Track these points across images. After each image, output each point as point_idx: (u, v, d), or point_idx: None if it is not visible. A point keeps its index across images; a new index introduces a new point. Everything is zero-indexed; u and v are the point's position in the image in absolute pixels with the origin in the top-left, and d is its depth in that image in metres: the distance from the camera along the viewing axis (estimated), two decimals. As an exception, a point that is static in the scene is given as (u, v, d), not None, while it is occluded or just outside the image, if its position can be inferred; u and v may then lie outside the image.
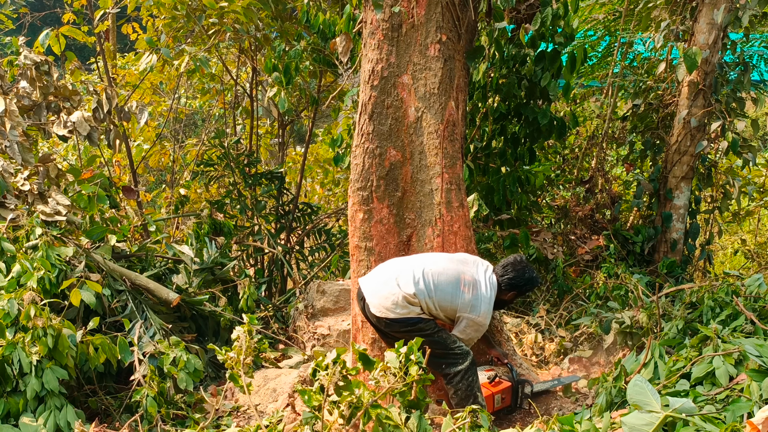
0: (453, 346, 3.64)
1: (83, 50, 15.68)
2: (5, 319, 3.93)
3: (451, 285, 3.64)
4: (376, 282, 3.72)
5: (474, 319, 3.65)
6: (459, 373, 3.63)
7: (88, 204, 5.08)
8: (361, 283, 3.81)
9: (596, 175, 6.94)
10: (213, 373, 5.28)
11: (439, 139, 4.12)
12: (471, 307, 3.64)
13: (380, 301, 3.62)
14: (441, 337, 3.63)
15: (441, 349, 3.61)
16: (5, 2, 7.17)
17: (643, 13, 6.91)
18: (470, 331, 3.68)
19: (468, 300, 3.63)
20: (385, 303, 3.60)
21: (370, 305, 3.66)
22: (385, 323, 3.62)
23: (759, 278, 4.54)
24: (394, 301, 3.58)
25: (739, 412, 2.92)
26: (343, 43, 5.01)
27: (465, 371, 3.63)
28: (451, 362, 3.63)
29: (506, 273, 3.82)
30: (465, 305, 3.63)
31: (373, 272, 3.87)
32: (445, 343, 3.63)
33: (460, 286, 3.65)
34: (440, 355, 3.63)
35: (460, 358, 3.64)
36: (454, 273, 3.68)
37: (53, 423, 3.71)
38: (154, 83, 9.20)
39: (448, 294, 3.62)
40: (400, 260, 3.87)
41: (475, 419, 2.76)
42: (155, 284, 5.05)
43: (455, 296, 3.63)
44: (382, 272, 3.78)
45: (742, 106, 6.19)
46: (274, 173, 7.67)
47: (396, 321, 3.59)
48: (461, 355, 3.64)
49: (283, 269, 7.30)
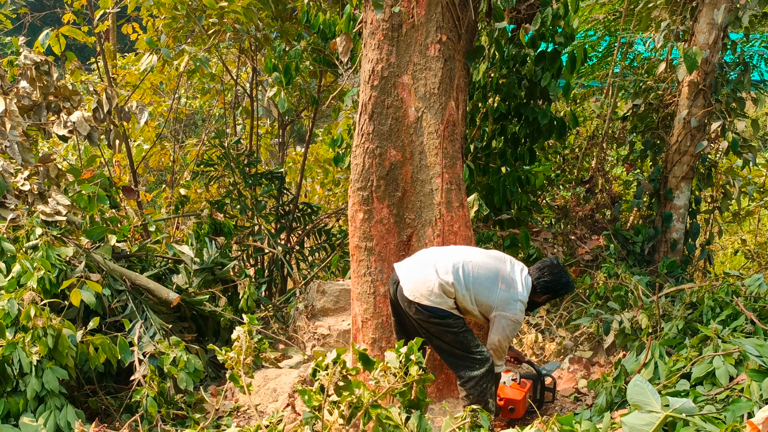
0: (474, 350, 3.58)
1: (83, 50, 15.68)
2: (5, 319, 3.93)
3: (489, 280, 3.58)
4: (413, 266, 3.67)
5: (510, 317, 3.58)
6: (474, 378, 3.58)
7: (88, 204, 5.08)
8: (397, 267, 3.76)
9: (596, 175, 6.93)
10: (213, 373, 5.28)
11: (439, 139, 4.12)
12: (507, 305, 3.57)
13: (416, 285, 3.56)
14: (465, 337, 3.57)
15: (462, 350, 3.57)
16: (5, 2, 7.17)
17: (643, 13, 6.91)
18: (508, 330, 3.60)
19: (505, 297, 3.58)
20: (421, 288, 3.54)
21: (404, 288, 3.59)
22: (416, 309, 3.55)
23: (759, 278, 4.54)
24: (429, 287, 3.52)
25: (739, 412, 2.93)
26: (343, 43, 5.01)
27: (480, 377, 3.58)
28: (469, 366, 3.58)
29: (543, 276, 3.76)
30: (502, 302, 3.57)
31: (410, 258, 3.83)
32: (467, 345, 3.57)
33: (498, 282, 3.59)
34: (459, 357, 3.59)
35: (478, 363, 3.58)
36: (493, 268, 3.63)
37: (53, 423, 3.71)
38: (154, 83, 9.20)
39: (485, 288, 3.56)
40: (439, 249, 3.83)
41: (475, 419, 2.77)
42: (155, 284, 5.05)
43: (492, 291, 3.57)
44: (419, 258, 3.74)
45: (742, 106, 6.19)
46: (274, 173, 7.67)
47: (427, 309, 3.53)
48: (480, 361, 3.58)
49: (283, 269, 7.30)
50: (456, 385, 4.24)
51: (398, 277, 3.69)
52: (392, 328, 4.17)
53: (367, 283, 4.17)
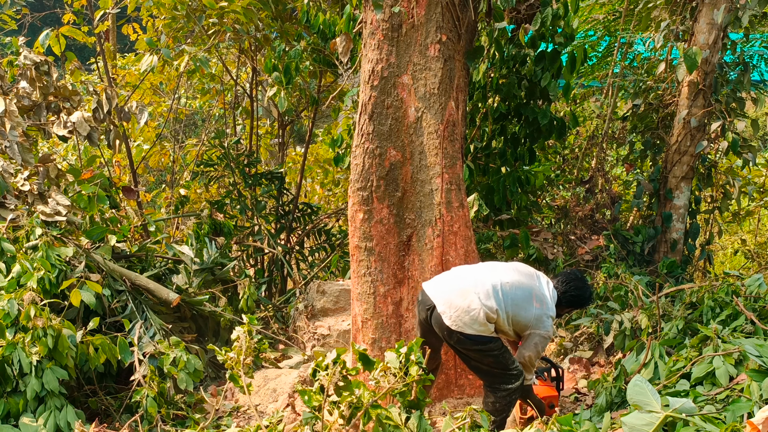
0: (511, 367, 3.56)
1: (83, 50, 15.67)
2: (5, 319, 3.93)
3: (525, 299, 3.54)
4: (450, 291, 3.54)
5: (544, 335, 3.57)
6: (508, 390, 3.57)
7: (88, 204, 5.08)
8: (429, 290, 3.63)
9: (596, 175, 6.93)
10: (213, 373, 5.28)
11: (439, 139, 4.12)
12: (541, 323, 3.55)
13: (458, 314, 3.45)
14: (504, 357, 3.55)
15: (501, 369, 3.55)
16: (6, 3, 7.17)
17: (643, 13, 6.92)
18: (540, 346, 3.60)
19: (539, 315, 3.55)
20: (464, 317, 3.44)
21: (444, 316, 3.47)
22: (458, 338, 3.47)
23: (759, 278, 4.54)
24: (473, 316, 3.43)
25: (739, 412, 2.93)
26: (343, 43, 5.01)
27: (514, 390, 3.57)
28: (505, 381, 3.56)
29: (569, 290, 3.73)
30: (536, 321, 3.54)
31: (441, 280, 3.69)
32: (506, 363, 3.55)
33: (533, 301, 3.55)
34: (497, 375, 3.57)
35: (514, 378, 3.57)
36: (527, 287, 3.58)
37: (53, 423, 3.71)
38: (154, 83, 9.20)
39: (523, 309, 3.52)
40: (472, 269, 3.72)
41: (475, 419, 2.77)
42: (155, 284, 5.05)
43: (528, 311, 3.53)
44: (455, 281, 3.61)
45: (742, 106, 6.19)
46: (274, 173, 7.67)
47: (470, 338, 3.45)
48: (516, 376, 3.57)
49: (283, 269, 7.30)
50: (456, 385, 4.25)
51: (433, 302, 3.55)
52: (392, 329, 4.17)
53: (367, 283, 4.16)
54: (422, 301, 3.65)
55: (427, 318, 3.59)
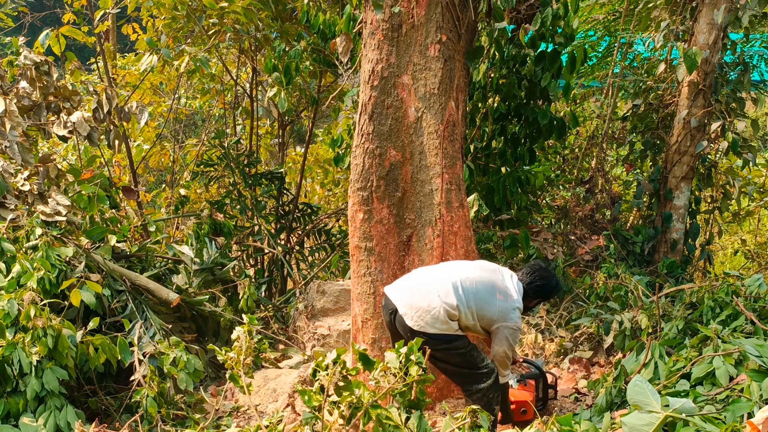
0: (481, 365, 3.57)
1: (83, 50, 15.68)
2: (5, 319, 3.93)
3: (487, 293, 3.56)
4: (411, 293, 3.57)
5: (512, 326, 3.59)
6: (481, 390, 3.57)
7: (88, 204, 5.08)
8: (390, 294, 3.66)
9: (596, 175, 6.94)
10: (213, 373, 5.28)
11: (439, 140, 4.12)
12: (507, 315, 3.57)
13: (419, 314, 3.48)
14: (472, 355, 3.56)
15: (469, 368, 3.56)
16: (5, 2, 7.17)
17: (643, 13, 6.92)
18: (511, 339, 3.61)
19: (504, 308, 3.57)
20: (425, 317, 3.47)
21: (406, 317, 3.50)
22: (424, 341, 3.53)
23: (759, 278, 4.54)
24: (434, 315, 3.46)
25: (739, 412, 2.93)
26: (343, 44, 5.01)
27: (487, 389, 3.58)
28: (476, 380, 3.57)
29: (534, 280, 3.76)
30: (502, 314, 3.56)
31: (402, 283, 3.72)
32: (474, 361, 3.56)
33: (496, 294, 3.58)
34: (466, 374, 3.58)
35: (484, 376, 3.58)
36: (488, 281, 3.61)
37: (53, 423, 3.71)
38: (154, 83, 9.20)
39: (485, 302, 3.54)
40: (432, 270, 3.75)
41: (475, 419, 2.76)
42: (155, 284, 5.05)
43: (492, 304, 3.55)
44: (415, 283, 3.64)
45: (742, 107, 6.19)
46: (274, 173, 7.67)
47: (434, 337, 3.46)
48: (486, 374, 3.58)
49: (283, 269, 7.30)
50: (455, 385, 4.24)
51: (395, 305, 3.59)
52: (392, 329, 4.17)
53: (367, 283, 4.17)
54: (385, 306, 3.69)
55: (391, 321, 3.63)
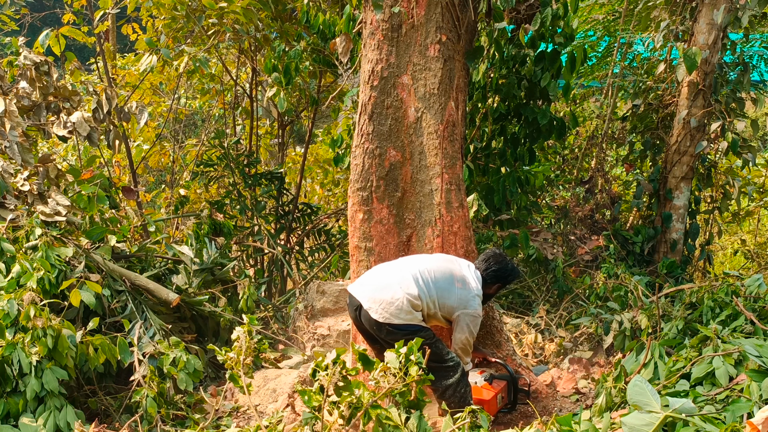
0: (446, 358, 3.61)
1: (83, 50, 15.68)
2: (5, 319, 3.93)
3: (446, 281, 3.65)
4: (373, 288, 3.65)
5: (472, 313, 3.66)
6: (451, 386, 3.60)
7: (87, 204, 5.08)
8: (353, 291, 3.73)
9: (596, 175, 6.94)
10: (213, 373, 5.28)
11: (439, 140, 4.12)
12: (466, 302, 3.65)
13: (383, 306, 3.55)
14: (437, 347, 3.59)
15: (435, 361, 3.54)
16: (5, 3, 7.17)
17: (643, 13, 6.92)
18: (472, 326, 3.67)
19: (463, 295, 3.65)
20: (389, 308, 3.54)
21: (371, 311, 3.57)
22: (387, 330, 3.55)
23: (759, 278, 4.54)
24: (398, 306, 3.52)
25: (739, 412, 2.93)
26: (343, 44, 5.01)
27: (456, 384, 3.61)
28: (443, 375, 3.59)
29: (489, 267, 3.85)
30: (461, 301, 3.64)
31: (363, 280, 3.79)
32: (440, 354, 3.59)
33: (455, 282, 3.66)
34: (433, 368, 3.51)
35: (451, 370, 3.61)
36: (446, 270, 3.69)
37: (53, 423, 3.71)
38: (154, 84, 9.20)
39: (445, 291, 3.62)
40: (391, 265, 3.82)
41: (475, 420, 2.76)
42: (155, 284, 5.05)
43: (451, 292, 3.63)
44: (376, 278, 3.71)
45: (741, 107, 6.19)
46: (274, 173, 7.67)
47: (398, 328, 3.52)
48: (453, 368, 3.62)
49: (283, 269, 7.30)
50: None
51: (358, 300, 3.64)
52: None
53: (367, 283, 4.16)
54: (350, 303, 3.76)
55: (357, 317, 3.69)
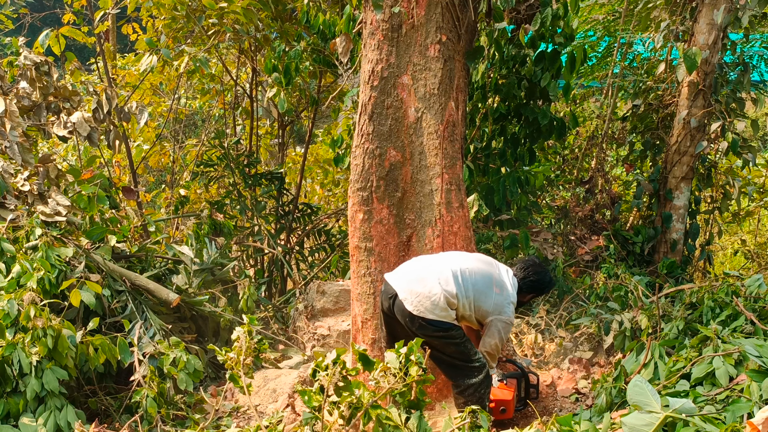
0: (474, 358, 3.58)
1: (83, 51, 15.69)
2: (5, 319, 3.93)
3: (486, 285, 3.59)
4: (411, 279, 3.58)
5: (506, 320, 3.62)
6: (473, 386, 3.57)
7: (88, 204, 5.08)
8: (390, 280, 3.68)
9: (596, 175, 6.94)
10: (213, 373, 5.28)
11: (439, 140, 4.12)
12: (502, 309, 3.60)
13: (419, 299, 3.49)
14: (466, 347, 3.57)
15: (462, 360, 3.56)
16: (5, 2, 7.17)
17: (643, 13, 6.92)
18: (504, 332, 3.63)
19: (500, 301, 3.60)
20: (425, 302, 3.49)
21: (405, 302, 3.52)
22: (420, 324, 3.50)
23: (759, 278, 4.54)
24: (434, 301, 3.48)
25: (739, 412, 2.93)
26: (343, 44, 5.01)
27: (479, 384, 3.58)
28: (467, 373, 3.57)
29: (528, 275, 3.80)
30: (498, 306, 3.59)
31: (402, 269, 3.74)
32: (468, 353, 3.57)
33: (493, 287, 3.61)
34: (459, 366, 3.57)
35: (476, 371, 3.58)
36: (486, 273, 3.64)
37: (53, 423, 3.71)
38: (154, 84, 9.20)
39: (483, 294, 3.57)
40: (432, 258, 3.77)
41: (475, 420, 2.77)
42: (155, 285, 5.05)
43: (489, 296, 3.58)
44: (416, 270, 3.66)
45: (742, 107, 6.19)
46: (274, 174, 7.67)
47: (432, 323, 3.48)
48: (478, 368, 3.58)
49: (283, 270, 7.30)
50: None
51: (395, 290, 3.60)
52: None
53: (367, 283, 4.16)
54: (385, 291, 3.71)
55: (390, 306, 3.64)
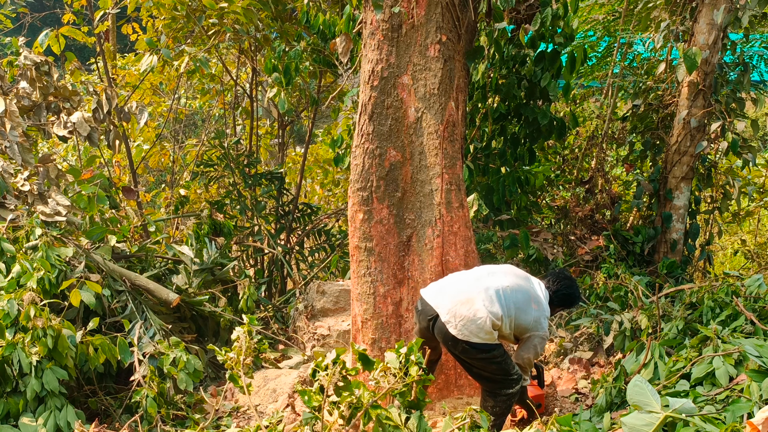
0: (512, 371, 3.56)
1: (83, 50, 15.69)
2: (5, 319, 3.93)
3: (525, 302, 3.55)
4: (454, 300, 3.49)
5: (543, 335, 3.59)
6: (508, 395, 3.57)
7: (88, 204, 5.09)
8: (430, 299, 3.58)
9: (596, 175, 6.93)
10: (213, 373, 5.28)
11: (439, 140, 4.12)
12: (540, 324, 3.57)
13: (464, 323, 3.41)
14: (507, 363, 3.55)
15: (502, 374, 3.54)
16: (5, 2, 7.18)
17: (643, 13, 6.91)
18: (540, 347, 3.62)
19: (537, 317, 3.56)
20: (470, 326, 3.40)
21: (449, 325, 3.42)
22: (463, 348, 3.44)
23: (759, 278, 4.54)
24: (480, 325, 3.39)
25: (739, 412, 2.93)
26: (343, 44, 5.01)
27: (513, 394, 3.58)
28: (506, 384, 3.56)
29: (561, 289, 3.77)
30: (535, 323, 3.56)
31: (440, 287, 3.65)
32: (507, 369, 3.55)
33: (531, 303, 3.57)
34: (498, 380, 3.56)
35: (514, 382, 3.57)
36: (524, 290, 3.60)
37: (53, 423, 3.71)
38: (154, 84, 9.20)
39: (523, 312, 3.53)
40: (471, 276, 3.68)
41: (475, 420, 2.76)
42: (155, 285, 5.05)
43: (528, 314, 3.54)
44: (457, 290, 3.55)
45: (741, 107, 6.18)
46: (274, 174, 7.67)
47: (475, 346, 3.42)
48: (516, 380, 3.57)
49: (283, 270, 7.30)
50: (455, 385, 4.25)
51: (435, 311, 3.51)
52: (392, 329, 4.17)
53: (367, 283, 4.17)
54: (423, 311, 3.60)
55: (429, 327, 3.55)
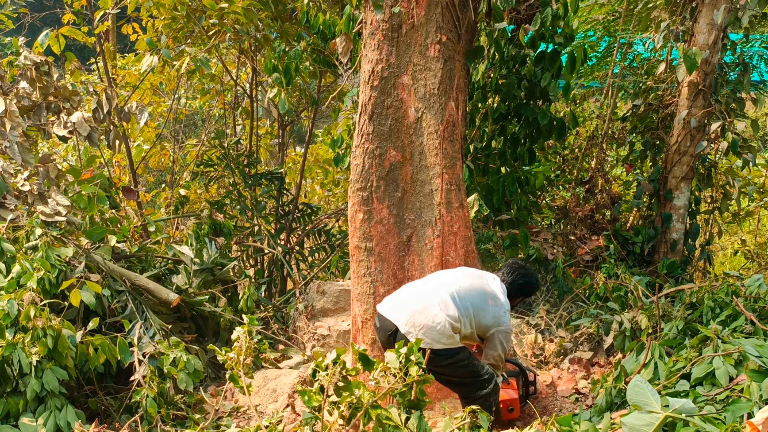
0: (482, 372, 3.57)
1: (83, 50, 15.68)
2: (5, 319, 3.93)
3: (481, 300, 3.57)
4: (410, 310, 3.48)
5: (505, 330, 3.61)
6: (483, 396, 3.57)
7: (88, 204, 5.09)
8: (385, 313, 3.57)
9: (596, 175, 6.93)
10: (213, 373, 5.28)
11: (439, 140, 4.12)
12: (499, 319, 3.59)
13: (424, 332, 3.40)
14: (474, 364, 3.56)
15: (472, 376, 3.55)
16: (5, 2, 7.17)
17: (643, 13, 6.91)
18: (506, 342, 3.63)
19: (496, 313, 3.58)
20: (430, 333, 3.39)
21: (410, 336, 3.39)
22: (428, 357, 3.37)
23: (759, 279, 4.54)
24: (440, 330, 3.40)
25: (739, 412, 2.93)
26: (343, 44, 5.01)
27: (488, 395, 3.58)
28: (479, 386, 3.57)
29: (516, 279, 3.81)
30: (495, 319, 3.58)
31: (395, 300, 3.63)
32: (476, 370, 3.56)
33: (487, 300, 3.59)
34: (469, 383, 3.57)
35: (486, 382, 3.58)
36: (479, 288, 3.62)
37: (53, 423, 3.71)
38: (154, 84, 9.20)
39: (480, 309, 3.55)
40: (424, 285, 3.68)
41: (475, 420, 2.76)
42: (155, 285, 5.05)
43: (486, 311, 3.56)
44: (411, 299, 3.56)
45: (741, 107, 6.18)
46: (274, 174, 7.68)
47: (439, 353, 3.40)
48: (487, 380, 3.58)
49: (283, 270, 7.30)
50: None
51: (394, 324, 3.49)
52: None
53: (367, 283, 4.17)
54: (382, 327, 3.59)
55: (390, 342, 3.51)
